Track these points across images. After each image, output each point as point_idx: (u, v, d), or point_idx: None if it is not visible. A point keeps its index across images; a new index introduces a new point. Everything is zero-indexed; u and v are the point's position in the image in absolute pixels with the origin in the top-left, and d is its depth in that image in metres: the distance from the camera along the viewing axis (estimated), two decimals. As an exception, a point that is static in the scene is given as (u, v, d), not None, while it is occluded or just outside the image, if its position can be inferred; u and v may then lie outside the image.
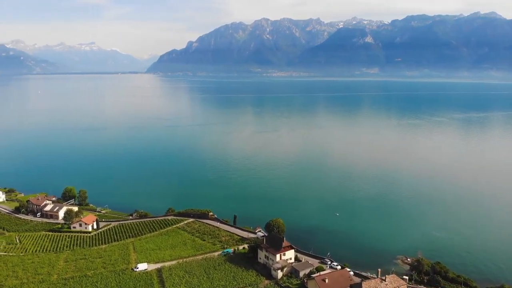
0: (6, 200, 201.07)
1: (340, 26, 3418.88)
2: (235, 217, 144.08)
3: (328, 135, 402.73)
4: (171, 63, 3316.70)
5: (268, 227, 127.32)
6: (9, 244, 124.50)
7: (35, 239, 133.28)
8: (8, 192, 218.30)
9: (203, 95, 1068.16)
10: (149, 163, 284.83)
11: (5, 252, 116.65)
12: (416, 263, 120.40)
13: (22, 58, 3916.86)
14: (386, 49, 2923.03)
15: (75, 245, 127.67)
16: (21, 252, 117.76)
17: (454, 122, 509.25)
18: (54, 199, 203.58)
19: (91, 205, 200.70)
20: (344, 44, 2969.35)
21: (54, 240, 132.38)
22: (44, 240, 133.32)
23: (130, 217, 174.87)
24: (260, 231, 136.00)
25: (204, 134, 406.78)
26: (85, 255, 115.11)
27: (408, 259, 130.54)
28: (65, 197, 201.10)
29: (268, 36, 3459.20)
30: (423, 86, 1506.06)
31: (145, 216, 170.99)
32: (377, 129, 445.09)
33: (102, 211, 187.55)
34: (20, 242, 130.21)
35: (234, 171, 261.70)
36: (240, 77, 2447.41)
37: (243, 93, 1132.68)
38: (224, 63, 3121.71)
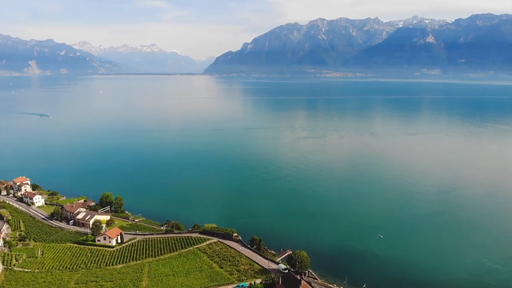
0: (46, 204, 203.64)
1: (400, 26, 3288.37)
2: (259, 241, 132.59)
3: (380, 144, 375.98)
4: (226, 65, 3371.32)
5: (289, 260, 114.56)
6: (30, 257, 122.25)
7: (58, 252, 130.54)
8: (50, 195, 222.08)
9: (254, 97, 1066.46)
10: (189, 169, 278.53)
11: (22, 267, 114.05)
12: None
13: (88, 59, 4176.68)
14: (448, 49, 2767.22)
15: (93, 262, 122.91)
16: (37, 268, 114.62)
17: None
18: (93, 204, 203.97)
19: (126, 212, 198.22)
20: (403, 44, 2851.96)
21: (75, 255, 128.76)
22: (66, 253, 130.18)
23: (162, 227, 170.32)
24: (284, 257, 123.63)
25: (250, 139, 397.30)
26: (97, 276, 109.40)
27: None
28: (102, 203, 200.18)
29: (323, 36, 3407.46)
30: (488, 89, 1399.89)
31: (177, 227, 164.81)
32: (436, 137, 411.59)
33: (136, 220, 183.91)
34: (42, 254, 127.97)
35: (267, 181, 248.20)
36: (293, 78, 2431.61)
37: (295, 95, 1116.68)
38: (277, 64, 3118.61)
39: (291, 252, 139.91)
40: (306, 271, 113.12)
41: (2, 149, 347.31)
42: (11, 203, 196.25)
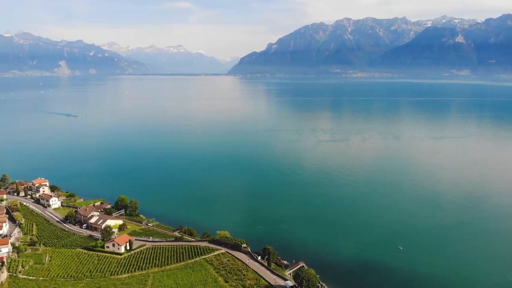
0: (62, 206, 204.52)
1: (428, 25, 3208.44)
2: (269, 253, 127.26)
3: (404, 148, 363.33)
4: (250, 65, 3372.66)
5: (296, 278, 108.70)
6: (37, 263, 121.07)
7: (65, 259, 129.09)
8: (68, 196, 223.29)
9: (277, 98, 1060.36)
10: (207, 172, 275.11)
11: (27, 274, 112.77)
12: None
13: (116, 59, 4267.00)
14: (478, 49, 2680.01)
15: (99, 270, 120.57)
16: (42, 276, 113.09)
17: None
18: (108, 206, 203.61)
19: (141, 215, 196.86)
20: (432, 44, 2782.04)
21: (82, 262, 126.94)
22: (73, 260, 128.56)
23: (174, 232, 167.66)
24: (296, 269, 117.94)
25: (270, 141, 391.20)
26: (100, 287, 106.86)
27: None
28: (118, 206, 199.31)
29: (349, 36, 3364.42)
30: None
31: (189, 232, 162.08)
32: (464, 142, 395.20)
33: (149, 224, 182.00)
34: (50, 260, 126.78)
35: (286, 186, 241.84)
36: (317, 79, 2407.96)
37: (319, 96, 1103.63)
38: (302, 65, 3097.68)
39: (303, 265, 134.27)
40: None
41: (27, 149, 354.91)
42: (28, 204, 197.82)
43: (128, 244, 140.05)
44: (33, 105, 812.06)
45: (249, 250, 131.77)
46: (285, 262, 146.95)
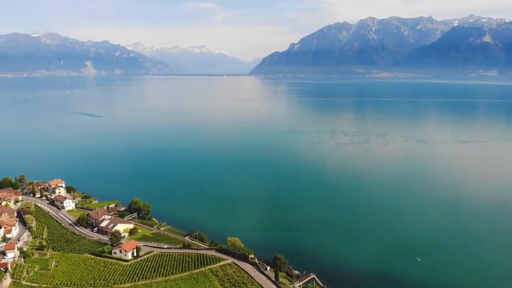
0: (76, 208, 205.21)
1: (455, 25, 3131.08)
2: (277, 264, 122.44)
3: (427, 152, 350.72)
4: (272, 65, 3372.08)
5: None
6: (42, 269, 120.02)
7: (71, 265, 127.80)
8: (84, 198, 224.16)
9: (297, 99, 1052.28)
10: (222, 174, 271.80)
11: (31, 281, 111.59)
12: None
13: (140, 59, 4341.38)
14: (507, 49, 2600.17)
15: (103, 278, 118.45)
16: (45, 283, 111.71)
17: None
18: (122, 209, 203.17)
19: (154, 219, 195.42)
20: (458, 44, 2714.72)
21: (88, 268, 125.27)
22: (79, 266, 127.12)
23: (185, 237, 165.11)
24: (306, 281, 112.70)
25: (288, 143, 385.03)
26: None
27: None
28: (131, 209, 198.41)
29: (373, 35, 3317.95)
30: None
31: (200, 238, 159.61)
32: (491, 146, 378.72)
33: (161, 228, 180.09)
34: (56, 266, 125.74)
35: (302, 191, 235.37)
36: (340, 79, 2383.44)
37: (340, 97, 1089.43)
38: (324, 64, 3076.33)
39: (313, 276, 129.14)
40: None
41: (48, 149, 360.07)
42: (42, 206, 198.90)
43: (135, 250, 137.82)
44: (58, 104, 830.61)
45: (256, 261, 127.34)
46: (296, 272, 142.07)
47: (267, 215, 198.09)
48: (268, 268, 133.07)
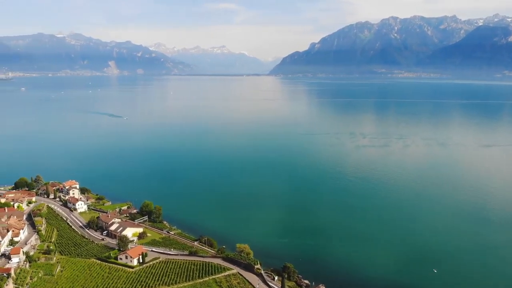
0: (88, 209, 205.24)
1: (480, 24, 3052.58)
2: (283, 276, 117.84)
3: (448, 156, 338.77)
4: (292, 65, 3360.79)
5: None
6: (46, 274, 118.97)
7: (76, 270, 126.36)
8: (97, 199, 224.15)
9: (316, 99, 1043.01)
10: (235, 177, 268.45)
11: (33, 287, 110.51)
12: None
13: (162, 60, 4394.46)
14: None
15: (106, 285, 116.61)
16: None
17: None
18: (134, 211, 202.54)
19: (164, 222, 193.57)
20: (483, 44, 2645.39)
21: (92, 274, 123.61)
22: (84, 272, 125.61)
23: (195, 242, 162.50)
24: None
25: (305, 145, 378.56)
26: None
27: None
28: (142, 211, 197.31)
29: (395, 35, 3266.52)
30: None
31: (209, 243, 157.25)
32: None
33: (170, 232, 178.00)
34: (61, 271, 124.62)
35: (318, 196, 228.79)
36: (361, 79, 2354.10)
37: (361, 97, 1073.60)
38: (345, 64, 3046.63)
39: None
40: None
41: (66, 150, 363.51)
42: (55, 207, 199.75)
43: (141, 256, 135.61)
44: (80, 104, 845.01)
45: (262, 272, 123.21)
46: (306, 281, 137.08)
47: (279, 220, 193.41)
48: (276, 278, 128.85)
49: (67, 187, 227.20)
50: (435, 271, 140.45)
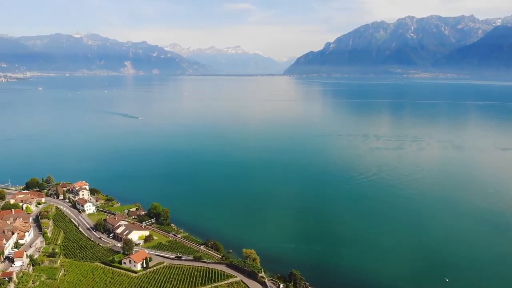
0: (97, 211, 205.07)
1: (498, 24, 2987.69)
2: (287, 285, 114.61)
3: (464, 160, 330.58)
4: (307, 65, 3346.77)
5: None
6: (49, 278, 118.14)
7: (79, 274, 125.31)
8: (107, 200, 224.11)
9: (330, 100, 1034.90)
10: (245, 179, 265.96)
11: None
12: None
13: (177, 60, 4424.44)
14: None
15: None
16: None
17: None
18: (143, 213, 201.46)
19: (172, 225, 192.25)
20: (501, 44, 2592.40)
21: (95, 279, 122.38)
22: (87, 276, 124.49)
23: (201, 246, 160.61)
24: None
25: (317, 147, 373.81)
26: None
27: None
28: (150, 214, 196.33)
29: (412, 35, 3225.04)
30: None
31: (216, 247, 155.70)
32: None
33: (177, 235, 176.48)
34: (65, 275, 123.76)
35: (324, 199, 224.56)
36: (377, 79, 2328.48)
37: (376, 98, 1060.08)
38: (361, 64, 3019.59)
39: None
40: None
41: (78, 150, 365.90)
42: (64, 208, 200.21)
43: (144, 261, 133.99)
44: (96, 104, 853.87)
45: (266, 280, 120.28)
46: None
47: (288, 224, 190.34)
48: (282, 285, 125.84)
49: (77, 188, 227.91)
50: (447, 280, 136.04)
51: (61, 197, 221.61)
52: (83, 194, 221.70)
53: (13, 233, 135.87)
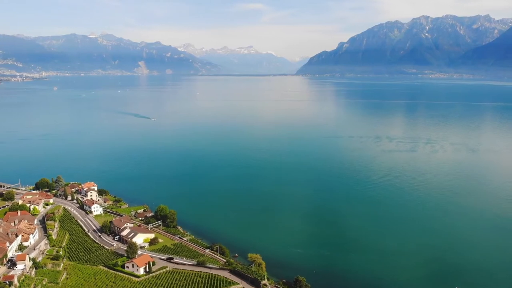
0: (104, 212, 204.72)
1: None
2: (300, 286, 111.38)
3: (478, 163, 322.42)
4: (320, 65, 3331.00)
5: None
6: (51, 282, 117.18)
7: (82, 278, 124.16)
8: (115, 201, 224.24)
9: (343, 100, 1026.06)
10: (253, 182, 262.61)
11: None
12: None
13: (190, 60, 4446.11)
14: None
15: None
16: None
17: None
18: (150, 215, 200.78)
19: (179, 227, 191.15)
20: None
21: (97, 283, 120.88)
22: (89, 280, 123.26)
23: (207, 250, 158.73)
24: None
25: (328, 150, 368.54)
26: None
27: None
28: (157, 216, 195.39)
29: (426, 34, 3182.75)
30: None
31: (221, 251, 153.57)
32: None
33: (183, 238, 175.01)
34: (67, 278, 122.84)
35: (332, 203, 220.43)
36: (391, 79, 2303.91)
37: (390, 98, 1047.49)
38: (374, 64, 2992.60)
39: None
40: None
41: (89, 150, 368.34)
42: (71, 209, 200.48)
43: (147, 266, 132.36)
44: (109, 104, 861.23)
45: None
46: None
47: (295, 228, 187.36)
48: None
49: (85, 189, 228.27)
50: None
51: (69, 198, 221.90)
52: (91, 195, 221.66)
53: (17, 236, 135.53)
